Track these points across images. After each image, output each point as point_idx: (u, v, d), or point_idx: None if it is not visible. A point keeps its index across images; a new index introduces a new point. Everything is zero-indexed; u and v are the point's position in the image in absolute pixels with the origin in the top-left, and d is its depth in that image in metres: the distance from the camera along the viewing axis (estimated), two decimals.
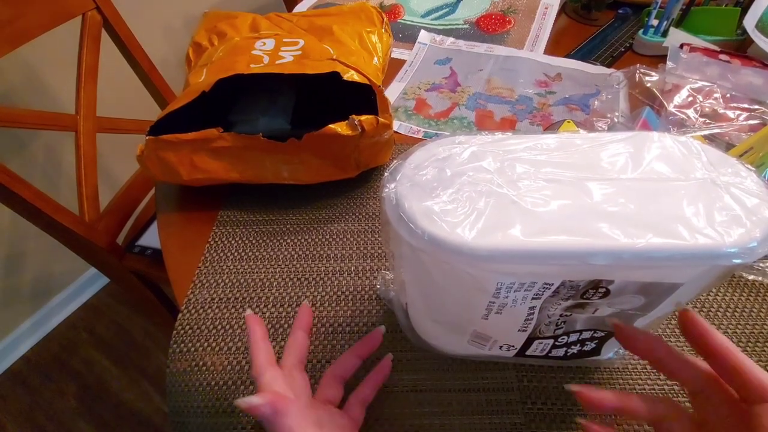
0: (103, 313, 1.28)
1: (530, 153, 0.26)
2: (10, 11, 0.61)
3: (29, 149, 1.03)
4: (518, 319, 0.27)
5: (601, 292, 0.24)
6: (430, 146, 0.27)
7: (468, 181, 0.24)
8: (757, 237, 0.21)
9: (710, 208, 0.22)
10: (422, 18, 0.77)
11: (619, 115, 0.49)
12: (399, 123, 0.58)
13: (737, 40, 0.64)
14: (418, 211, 0.23)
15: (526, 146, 0.26)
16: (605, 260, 0.21)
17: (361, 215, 0.47)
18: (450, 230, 0.22)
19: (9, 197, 0.60)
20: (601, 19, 0.74)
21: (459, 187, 0.24)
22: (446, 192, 0.24)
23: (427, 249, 0.22)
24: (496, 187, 0.24)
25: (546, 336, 0.29)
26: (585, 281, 0.23)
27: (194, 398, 0.35)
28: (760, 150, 0.40)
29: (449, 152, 0.26)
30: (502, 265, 0.22)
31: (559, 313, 0.27)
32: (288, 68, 0.47)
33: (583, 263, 0.21)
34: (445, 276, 0.25)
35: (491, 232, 0.22)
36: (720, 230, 0.21)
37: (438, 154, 0.26)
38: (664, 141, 0.26)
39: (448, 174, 0.25)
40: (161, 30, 1.18)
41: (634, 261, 0.21)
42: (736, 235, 0.21)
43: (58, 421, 1.08)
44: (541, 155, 0.26)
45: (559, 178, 0.24)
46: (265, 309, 0.40)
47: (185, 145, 0.43)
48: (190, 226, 0.47)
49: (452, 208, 0.23)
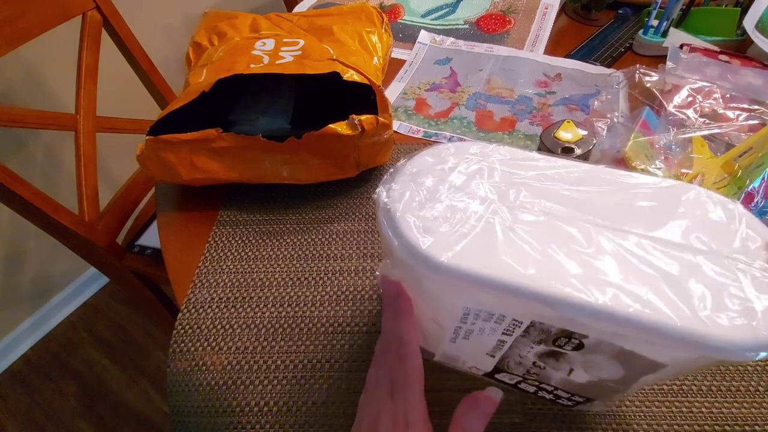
0: (102, 312, 1.28)
1: (542, 181, 0.24)
2: (10, 10, 0.61)
3: (29, 149, 1.03)
4: (486, 347, 0.25)
5: (574, 343, 0.22)
6: (441, 150, 0.26)
7: (463, 200, 0.23)
8: (760, 340, 0.18)
9: (722, 293, 0.19)
10: (422, 18, 0.77)
11: (618, 115, 0.49)
12: (399, 123, 0.58)
13: (737, 41, 0.64)
14: (403, 218, 0.22)
15: (542, 172, 0.25)
16: (570, 313, 0.20)
17: (361, 215, 0.47)
18: (424, 244, 0.21)
19: (9, 197, 0.60)
20: (601, 20, 0.74)
21: (452, 203, 0.23)
22: (436, 206, 0.23)
23: (400, 257, 0.22)
24: (490, 212, 0.23)
25: (514, 373, 0.28)
26: (555, 328, 0.22)
27: (194, 398, 0.35)
28: (760, 150, 0.40)
29: (457, 162, 0.25)
30: (465, 286, 0.21)
31: (531, 360, 0.25)
32: (288, 68, 0.47)
33: (544, 308, 0.20)
34: (418, 289, 0.24)
35: (465, 254, 0.21)
36: (721, 320, 0.19)
37: (445, 161, 0.25)
38: (702, 198, 0.23)
39: (446, 188, 0.24)
40: (161, 30, 1.18)
41: (604, 324, 0.20)
42: (736, 330, 0.18)
43: (58, 421, 1.08)
44: (554, 185, 0.24)
45: (563, 215, 0.23)
46: (265, 309, 0.40)
47: (185, 145, 0.43)
48: (189, 226, 0.47)
49: (436, 224, 0.22)
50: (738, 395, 0.34)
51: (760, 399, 0.34)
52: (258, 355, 0.37)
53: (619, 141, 0.45)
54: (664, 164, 0.42)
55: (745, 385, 0.34)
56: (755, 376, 0.35)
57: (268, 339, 0.38)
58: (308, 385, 0.35)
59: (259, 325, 0.39)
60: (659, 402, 0.34)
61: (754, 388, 0.34)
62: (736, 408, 0.33)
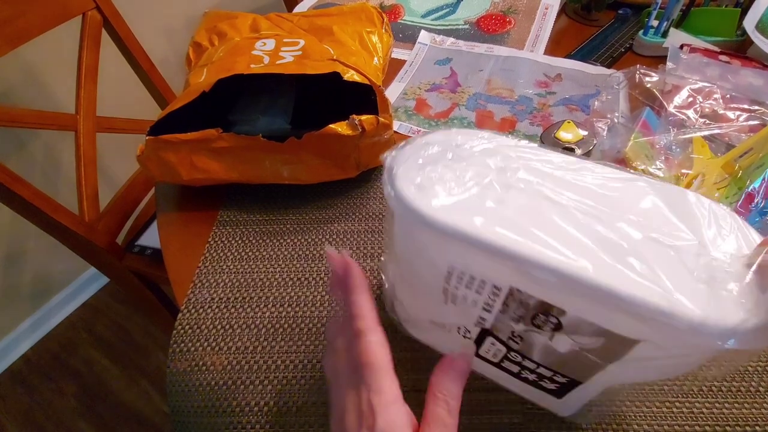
0: (102, 312, 1.28)
1: (544, 165, 0.25)
2: (10, 10, 0.61)
3: (29, 149, 1.03)
4: (471, 316, 0.27)
5: (552, 322, 0.23)
6: (453, 132, 0.28)
7: (462, 169, 0.25)
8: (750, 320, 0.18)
9: (714, 284, 0.20)
10: (422, 18, 0.77)
11: (619, 115, 0.49)
12: (399, 123, 0.58)
13: (737, 41, 0.64)
14: (402, 174, 0.24)
15: (546, 158, 0.26)
16: (545, 275, 0.20)
17: (361, 215, 0.47)
18: (415, 197, 0.23)
19: (9, 197, 0.60)
20: (601, 20, 0.74)
21: (450, 170, 0.25)
22: (435, 169, 0.25)
23: (395, 209, 0.24)
24: (485, 183, 0.24)
25: (500, 339, 0.28)
26: (535, 300, 0.22)
27: (194, 398, 0.35)
28: (760, 150, 0.40)
29: (466, 141, 0.27)
30: (447, 240, 0.23)
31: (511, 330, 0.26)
32: (288, 68, 0.47)
33: (523, 268, 0.21)
34: (410, 247, 0.26)
35: (451, 210, 0.23)
36: (685, 295, 0.19)
37: (454, 138, 0.27)
38: (693, 200, 0.24)
39: (449, 156, 0.26)
40: (161, 30, 1.18)
41: (576, 287, 0.20)
42: (701, 306, 0.19)
43: (58, 421, 1.08)
44: (556, 171, 0.25)
45: (555, 197, 0.23)
46: (265, 309, 0.40)
47: (185, 145, 0.43)
48: (189, 226, 0.47)
49: (430, 183, 0.24)
50: (738, 396, 0.34)
51: (761, 399, 0.34)
52: (258, 355, 0.37)
53: (620, 141, 0.44)
54: (664, 164, 0.42)
55: (745, 386, 0.34)
56: (755, 377, 0.35)
57: (268, 339, 0.38)
58: (308, 385, 0.35)
59: (259, 325, 0.39)
60: (659, 402, 0.34)
61: (754, 389, 0.34)
62: (737, 408, 0.33)
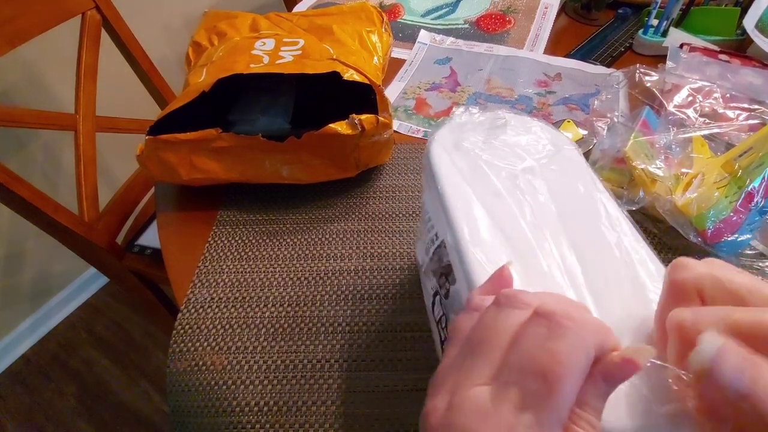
0: (102, 312, 1.28)
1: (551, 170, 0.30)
2: (10, 10, 0.61)
3: (28, 149, 1.02)
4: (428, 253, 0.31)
5: (446, 288, 0.27)
6: (498, 113, 0.31)
7: (484, 150, 0.29)
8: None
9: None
10: (422, 17, 0.77)
11: (618, 114, 0.49)
12: (399, 122, 0.58)
13: (737, 40, 0.64)
14: (434, 143, 0.30)
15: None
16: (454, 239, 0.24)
17: (361, 215, 0.47)
18: (438, 155, 0.28)
19: (8, 197, 0.60)
20: (601, 19, 0.74)
21: (475, 148, 0.29)
22: (466, 140, 0.29)
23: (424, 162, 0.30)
24: (496, 170, 0.28)
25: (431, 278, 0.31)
26: (446, 260, 0.26)
27: (194, 398, 0.35)
28: (760, 150, 0.40)
29: (508, 121, 0.30)
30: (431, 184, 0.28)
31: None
32: (288, 68, 0.47)
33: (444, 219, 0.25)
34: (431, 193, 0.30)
35: (450, 168, 0.27)
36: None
37: (501, 118, 0.31)
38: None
39: (482, 137, 0.30)
40: (161, 30, 1.18)
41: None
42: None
43: (58, 421, 1.08)
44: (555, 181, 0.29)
45: (539, 216, 0.27)
46: (265, 309, 0.40)
47: (185, 145, 0.43)
48: (189, 226, 0.47)
49: (453, 153, 0.29)
50: None
51: None
52: (258, 355, 0.37)
53: (619, 141, 0.44)
54: (664, 164, 0.42)
55: None
56: None
57: (268, 339, 0.38)
58: (308, 385, 0.35)
59: (259, 325, 0.39)
60: None
61: None
62: None
